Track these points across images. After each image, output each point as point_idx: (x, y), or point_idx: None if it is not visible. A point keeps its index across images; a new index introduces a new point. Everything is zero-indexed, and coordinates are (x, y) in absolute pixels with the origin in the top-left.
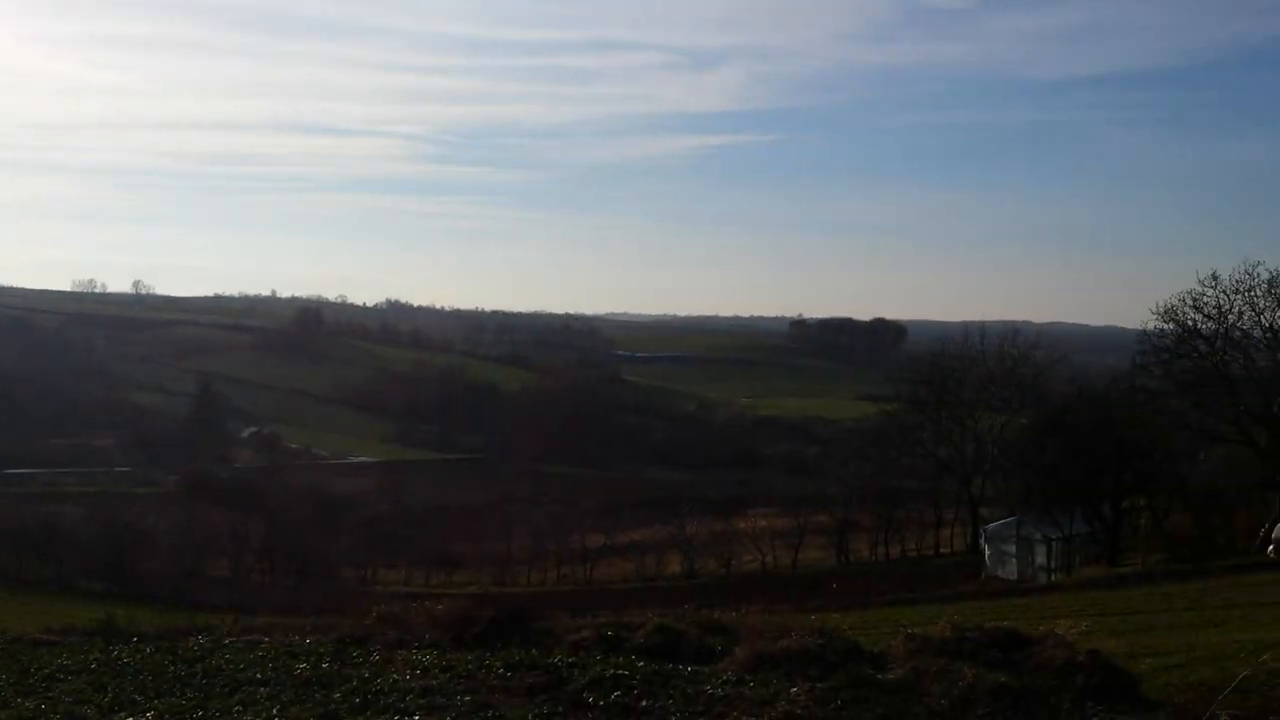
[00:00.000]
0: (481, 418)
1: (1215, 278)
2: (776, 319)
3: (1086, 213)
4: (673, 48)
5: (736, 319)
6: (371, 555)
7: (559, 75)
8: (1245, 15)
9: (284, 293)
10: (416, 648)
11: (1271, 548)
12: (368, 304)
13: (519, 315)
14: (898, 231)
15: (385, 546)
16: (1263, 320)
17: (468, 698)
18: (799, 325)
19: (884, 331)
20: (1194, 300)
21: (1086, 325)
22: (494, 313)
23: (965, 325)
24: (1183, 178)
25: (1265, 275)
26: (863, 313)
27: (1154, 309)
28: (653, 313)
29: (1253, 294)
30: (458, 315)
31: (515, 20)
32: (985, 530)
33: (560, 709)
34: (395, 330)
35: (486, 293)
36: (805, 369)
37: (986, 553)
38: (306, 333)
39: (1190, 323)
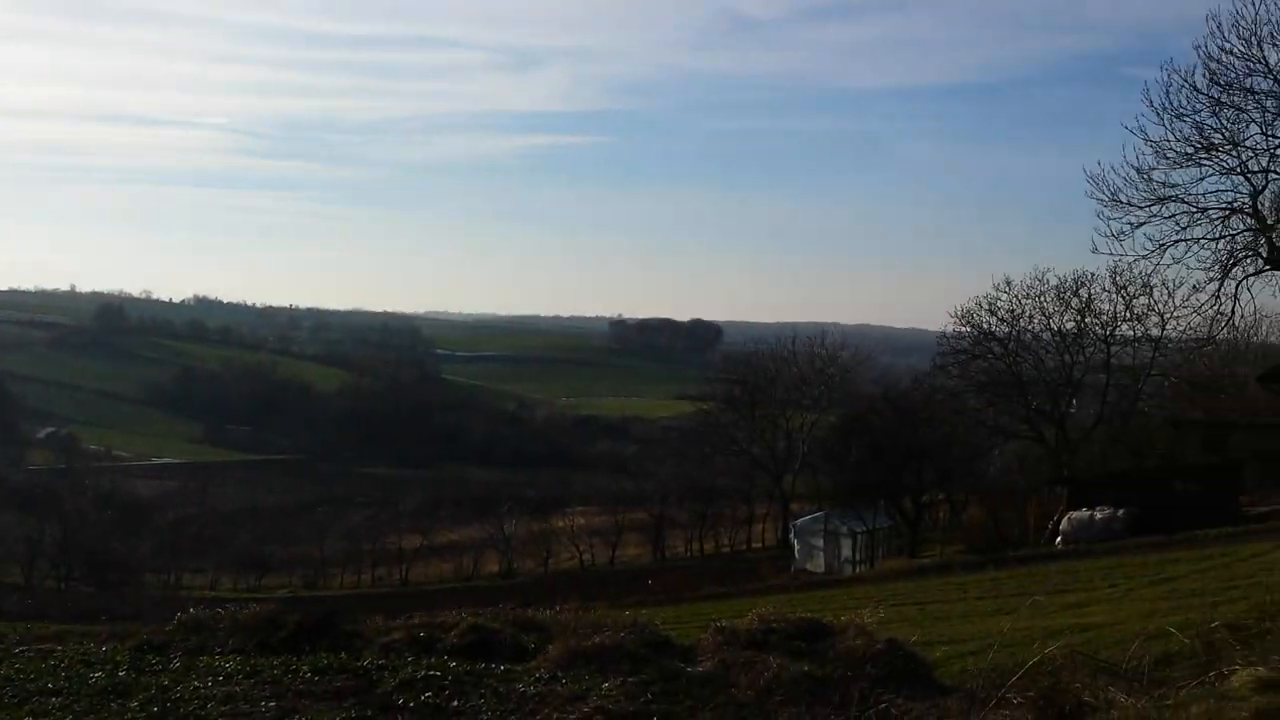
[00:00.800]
0: (295, 418)
1: (1009, 283)
2: (597, 319)
3: (892, 220)
4: (497, 46)
5: (557, 319)
6: (176, 560)
7: (382, 71)
8: (1036, 33)
9: (84, 288)
10: (219, 654)
11: (1060, 539)
12: (175, 300)
13: (335, 313)
14: (716, 234)
15: (191, 551)
16: (1052, 324)
17: (273, 704)
18: (619, 325)
19: (702, 332)
20: (989, 304)
21: (892, 327)
22: (309, 310)
23: (778, 327)
24: (981, 187)
25: (1054, 281)
26: (681, 314)
27: (952, 313)
28: (474, 312)
29: (1043, 299)
30: (270, 313)
31: (337, 13)
32: (795, 525)
33: (369, 712)
34: (204, 328)
35: (302, 290)
36: (625, 369)
37: (796, 547)
38: (109, 330)
39: (986, 326)
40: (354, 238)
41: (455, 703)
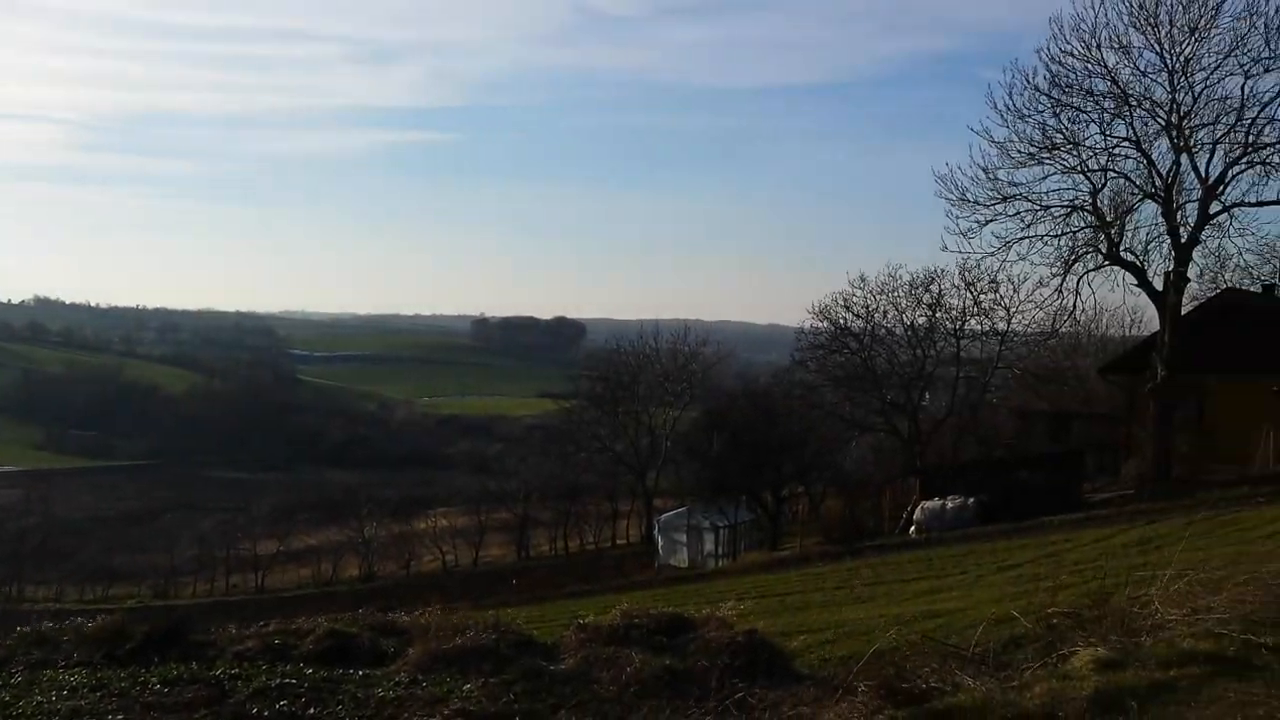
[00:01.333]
0: (143, 421)
1: (864, 279)
2: (459, 317)
3: (753, 217)
4: (353, 40)
5: (418, 317)
6: (18, 572)
7: (232, 63)
8: (895, 34)
9: None
10: (64, 667)
11: (913, 528)
12: (13, 301)
13: (184, 313)
14: (579, 231)
15: (34, 562)
16: (905, 319)
17: (120, 717)
18: (481, 324)
19: (565, 330)
20: (845, 300)
21: (753, 324)
22: (156, 310)
23: (641, 324)
24: (839, 185)
25: (906, 277)
26: (544, 311)
27: (810, 309)
28: (331, 311)
29: (896, 294)
30: (115, 313)
31: (184, 2)
32: (659, 521)
33: None
34: (44, 329)
35: (148, 290)
36: (487, 367)
37: (660, 542)
38: None
39: (842, 321)
40: (205, 236)
41: (312, 710)
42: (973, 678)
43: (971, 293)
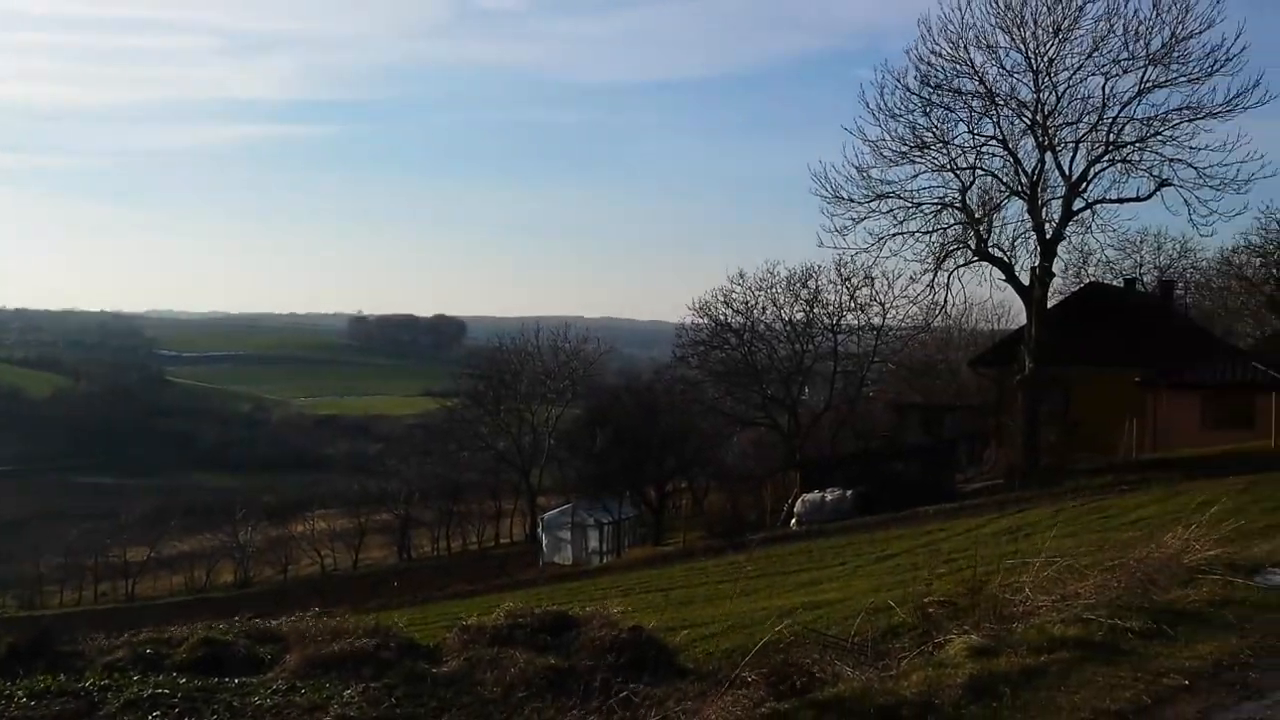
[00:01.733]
0: (5, 427)
1: (742, 275)
2: (336, 316)
3: (635, 213)
4: (224, 31)
5: (293, 316)
6: None
7: (97, 55)
8: (776, 32)
9: None
10: None
11: (794, 520)
12: None
13: (47, 314)
14: (459, 228)
15: None
16: (783, 314)
17: None
18: (359, 322)
19: (445, 328)
20: (725, 297)
21: (635, 320)
22: (17, 311)
23: (523, 321)
24: (720, 181)
25: (784, 273)
26: (424, 309)
27: (691, 305)
28: (202, 311)
29: (774, 290)
30: None
31: None
32: (543, 519)
33: None
34: None
35: (7, 290)
36: (366, 367)
37: (544, 540)
38: None
39: (722, 317)
40: (68, 233)
41: None
42: (853, 668)
43: (848, 288)
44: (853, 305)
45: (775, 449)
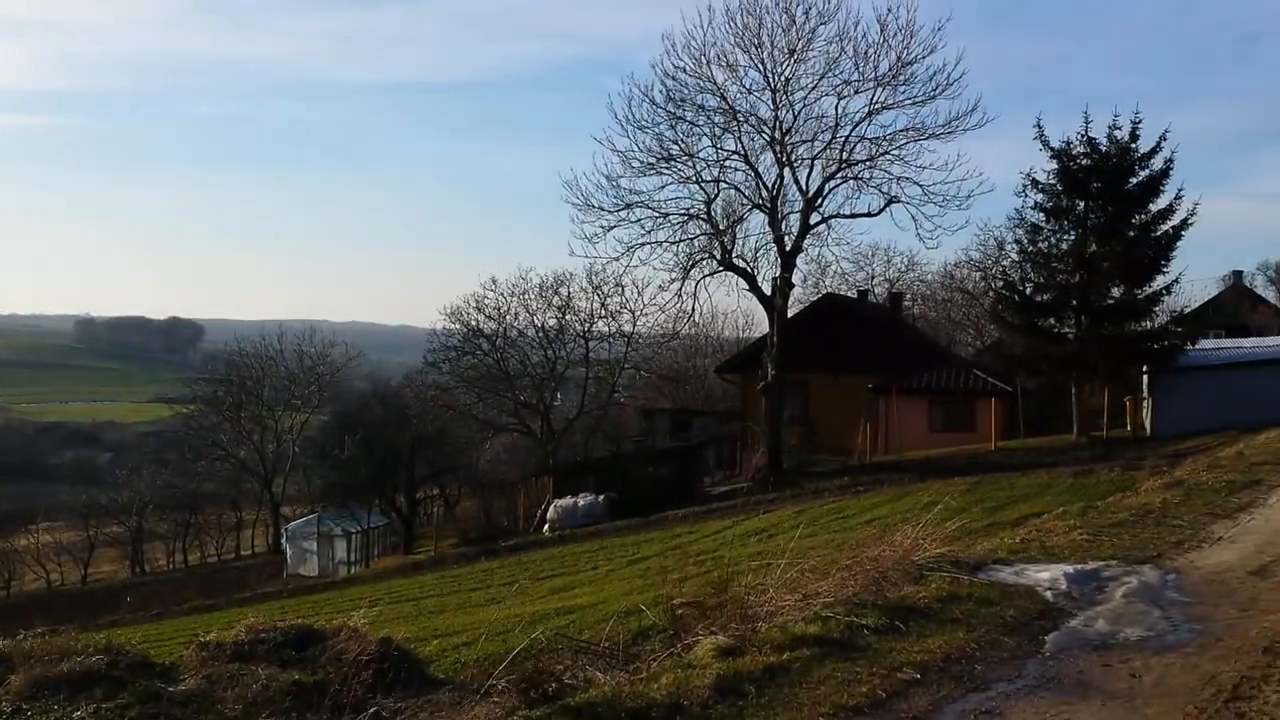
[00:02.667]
0: None
1: (494, 281)
2: (60, 318)
3: (384, 216)
4: None
5: (14, 317)
6: None
7: None
8: (528, 38)
9: None
10: None
11: (547, 526)
12: None
13: None
14: (194, 227)
15: None
16: (535, 320)
17: None
18: (86, 324)
19: (181, 331)
20: (477, 302)
21: (383, 324)
22: None
23: (264, 324)
24: (473, 186)
25: (537, 280)
26: (157, 311)
27: (442, 310)
28: None
29: (527, 297)
30: None
31: None
32: (287, 529)
33: None
34: None
35: None
36: (94, 370)
37: (289, 552)
38: None
39: (474, 323)
40: None
41: None
42: (604, 672)
43: (599, 296)
44: (604, 312)
45: (528, 454)
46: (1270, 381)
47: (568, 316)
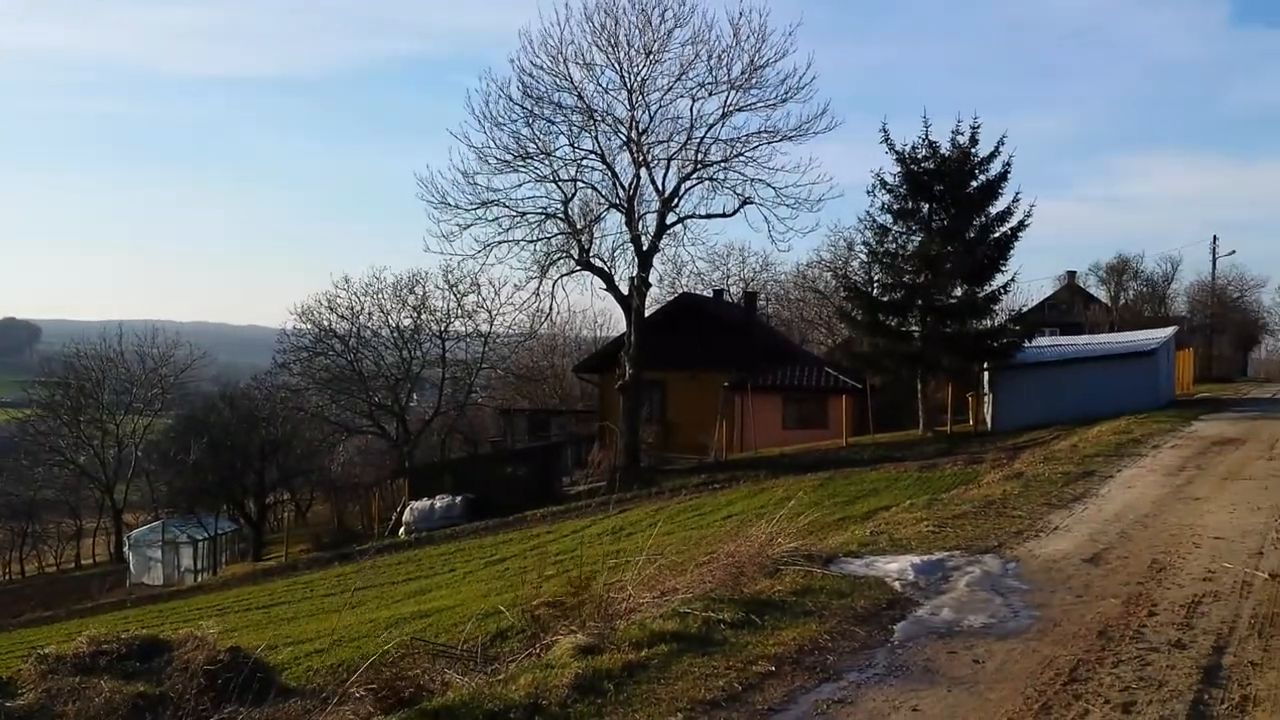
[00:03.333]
0: None
1: (348, 280)
2: None
3: (233, 213)
4: None
5: None
6: None
7: None
8: (380, 33)
9: None
10: None
11: (403, 529)
12: None
13: None
14: (30, 226)
15: None
16: (390, 320)
17: None
18: None
19: (15, 332)
20: (329, 301)
21: (230, 324)
22: None
23: (105, 325)
24: (325, 184)
25: (391, 279)
26: None
27: (292, 309)
28: None
29: (381, 296)
30: None
31: None
32: (130, 537)
33: None
34: None
35: None
36: None
37: (132, 560)
38: None
39: (326, 323)
40: None
41: None
42: (462, 675)
43: (455, 295)
44: (460, 312)
45: (383, 457)
46: (1101, 377)
47: (423, 316)
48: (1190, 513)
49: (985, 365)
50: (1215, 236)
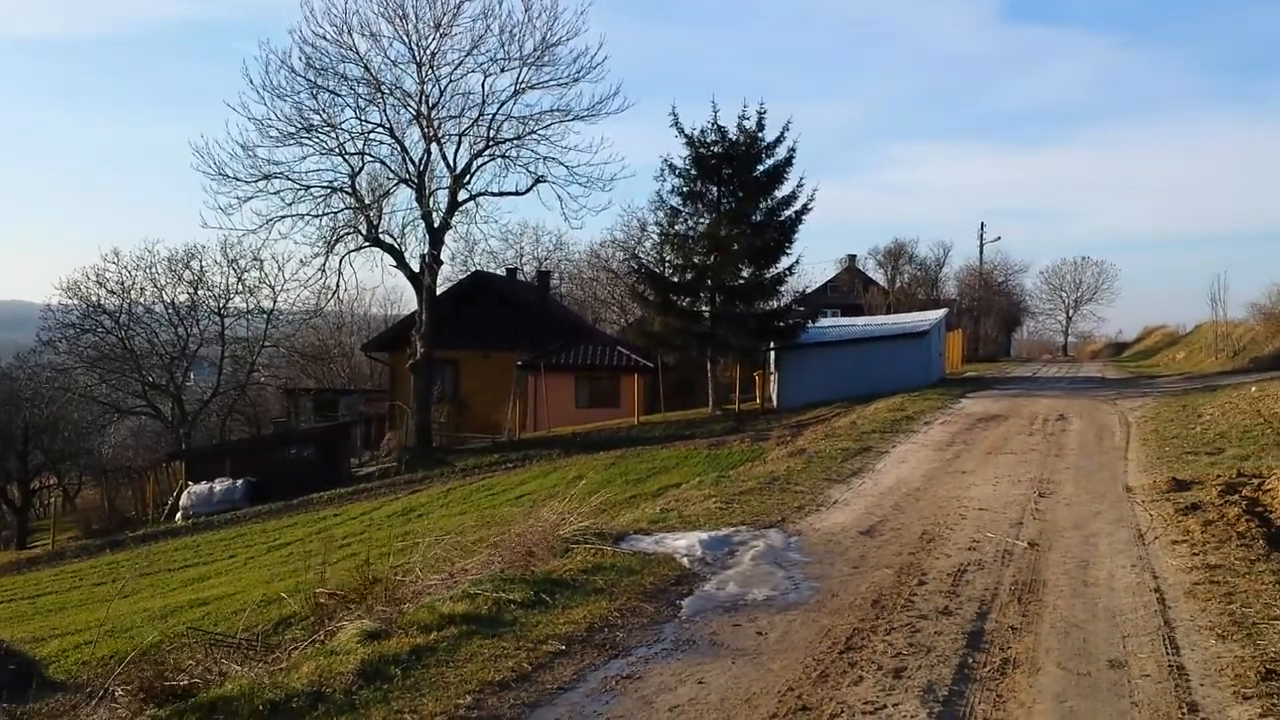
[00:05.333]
0: None
1: (118, 253)
2: None
3: None
4: None
5: None
6: None
7: None
8: None
9: None
10: None
11: (180, 514)
12: None
13: None
14: None
15: None
16: (164, 296)
17: None
18: None
19: None
20: (98, 276)
21: None
22: None
23: None
24: (90, 151)
25: (165, 253)
26: None
27: (58, 284)
28: None
29: (154, 270)
30: None
31: None
32: None
33: None
34: None
35: None
36: None
37: None
38: None
39: (95, 298)
40: None
41: None
42: (240, 664)
43: (235, 270)
44: (241, 288)
45: (158, 439)
46: (879, 356)
47: (200, 292)
48: (958, 485)
49: (771, 345)
50: (983, 224)
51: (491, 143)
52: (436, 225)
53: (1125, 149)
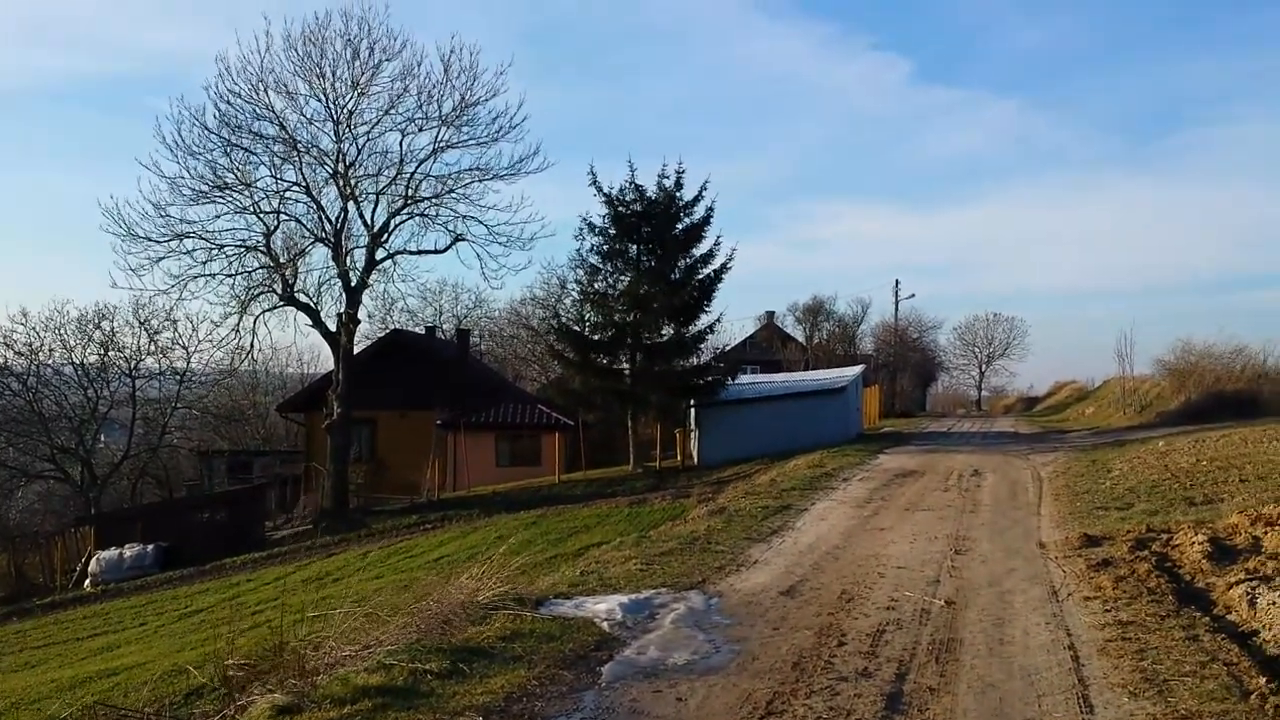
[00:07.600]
0: None
1: (25, 314)
2: None
3: None
4: None
5: None
6: None
7: None
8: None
9: None
10: None
11: (89, 580)
12: None
13: None
14: None
15: None
16: (74, 357)
17: None
18: None
19: None
20: (4, 337)
21: None
22: None
23: None
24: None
25: (75, 313)
26: None
27: None
28: None
29: (63, 331)
30: None
31: None
32: None
33: None
34: None
35: None
36: None
37: None
38: None
39: (2, 360)
40: None
41: None
42: None
43: (147, 330)
44: (153, 349)
45: (66, 503)
46: (798, 412)
47: (111, 353)
48: (876, 543)
49: (692, 402)
50: (897, 281)
51: (410, 201)
52: (354, 284)
53: (1033, 206)
